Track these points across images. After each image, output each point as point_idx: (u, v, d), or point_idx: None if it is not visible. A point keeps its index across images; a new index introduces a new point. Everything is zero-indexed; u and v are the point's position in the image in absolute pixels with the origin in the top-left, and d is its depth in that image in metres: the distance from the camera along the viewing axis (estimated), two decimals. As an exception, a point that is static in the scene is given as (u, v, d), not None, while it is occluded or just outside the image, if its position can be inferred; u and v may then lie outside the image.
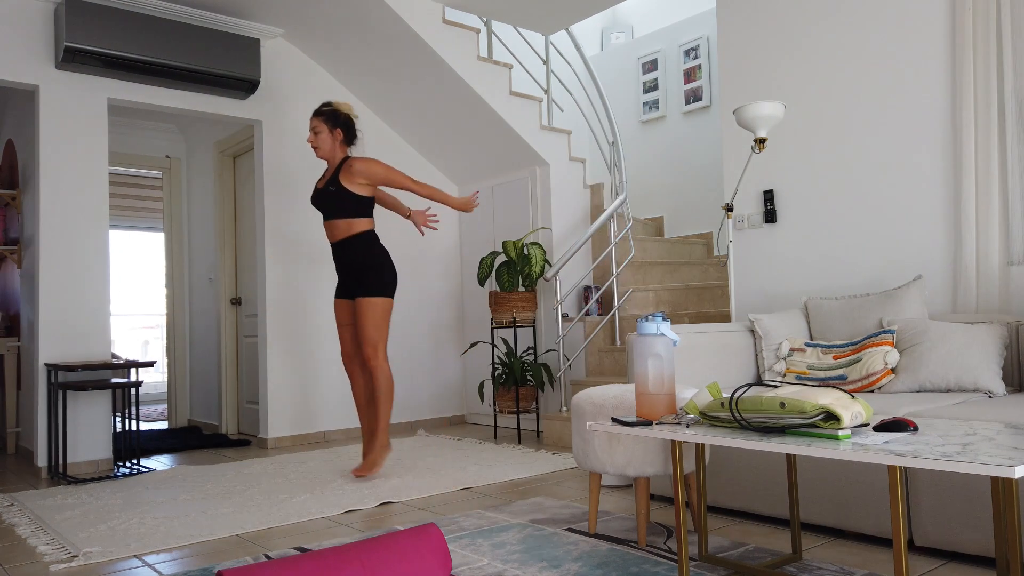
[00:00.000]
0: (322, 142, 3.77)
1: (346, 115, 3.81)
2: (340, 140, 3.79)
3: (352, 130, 3.83)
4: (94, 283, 4.40)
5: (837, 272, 3.73)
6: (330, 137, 3.77)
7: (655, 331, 2.05)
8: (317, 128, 3.77)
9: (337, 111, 3.79)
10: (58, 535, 2.84)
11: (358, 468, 3.70)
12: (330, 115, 3.77)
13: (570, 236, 5.36)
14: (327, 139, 3.77)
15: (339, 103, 3.83)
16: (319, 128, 3.76)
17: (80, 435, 4.29)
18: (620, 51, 7.08)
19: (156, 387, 8.60)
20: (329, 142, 3.77)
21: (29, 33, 4.26)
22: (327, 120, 3.77)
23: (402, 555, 1.71)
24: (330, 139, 3.77)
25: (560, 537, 2.59)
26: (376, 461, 3.70)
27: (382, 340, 3.72)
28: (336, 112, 3.79)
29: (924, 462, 1.41)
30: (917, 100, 3.48)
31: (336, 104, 3.82)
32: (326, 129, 3.76)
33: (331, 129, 3.77)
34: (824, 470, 2.51)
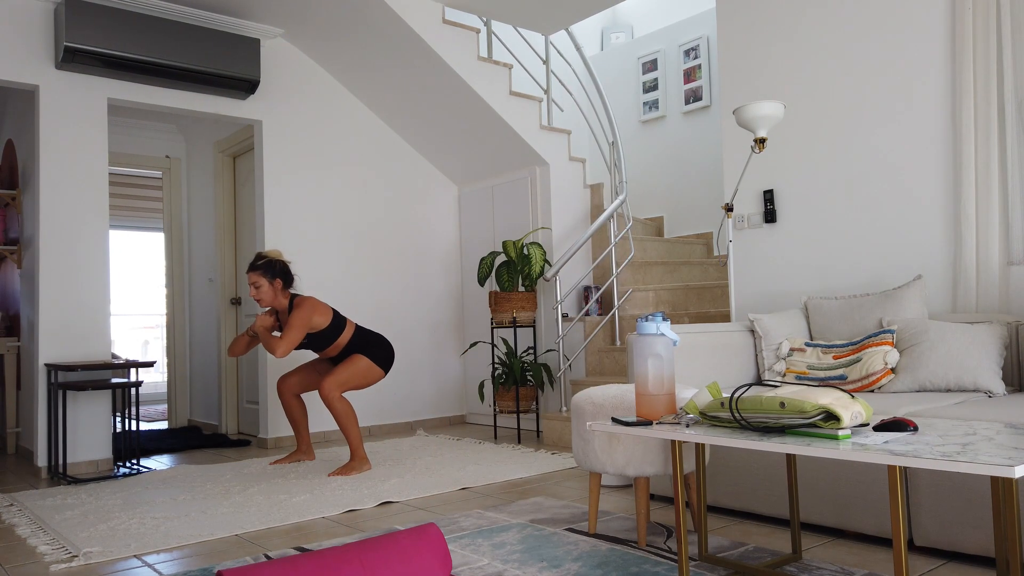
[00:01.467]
0: (264, 295, 3.92)
1: (280, 263, 3.97)
2: (280, 289, 3.96)
3: (289, 275, 4.00)
4: (94, 283, 4.40)
5: (837, 272, 3.73)
6: (271, 288, 3.93)
7: (655, 331, 2.05)
8: (257, 283, 3.91)
9: (271, 261, 3.95)
10: (58, 535, 2.84)
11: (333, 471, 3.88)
12: (266, 267, 3.92)
13: (570, 236, 5.36)
14: (268, 291, 3.93)
15: (269, 252, 4.00)
16: (259, 283, 3.91)
17: (80, 435, 4.29)
18: (620, 51, 7.08)
19: (156, 387, 8.60)
20: (271, 293, 3.93)
21: (29, 33, 4.26)
22: (264, 273, 3.91)
23: (402, 555, 1.71)
24: (271, 290, 3.93)
25: (560, 537, 2.59)
26: (355, 468, 3.86)
27: (346, 386, 3.92)
28: (271, 263, 3.94)
29: (924, 462, 1.41)
30: (917, 100, 3.48)
31: (267, 254, 3.98)
32: (265, 282, 3.92)
33: (270, 281, 3.92)
34: (824, 470, 2.51)
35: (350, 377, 3.92)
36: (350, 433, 3.89)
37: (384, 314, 5.53)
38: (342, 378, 3.89)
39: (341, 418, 3.87)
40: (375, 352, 4.02)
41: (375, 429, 5.42)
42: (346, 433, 3.89)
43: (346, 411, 3.88)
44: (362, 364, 3.96)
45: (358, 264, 5.43)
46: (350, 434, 3.89)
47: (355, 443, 3.90)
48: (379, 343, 4.07)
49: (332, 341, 3.99)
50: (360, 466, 3.88)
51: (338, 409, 3.86)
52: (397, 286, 5.62)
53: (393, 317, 5.58)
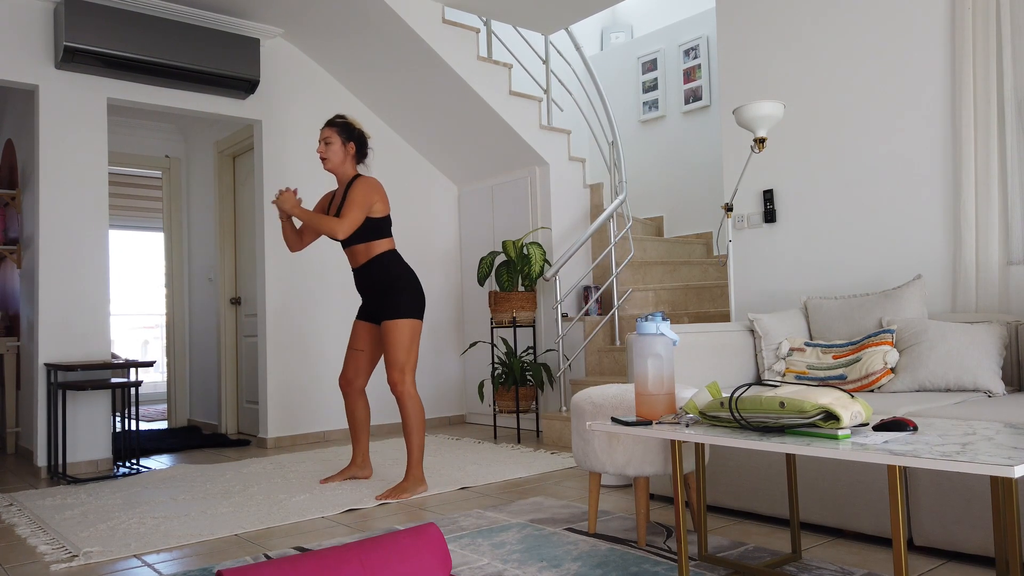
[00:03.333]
0: (332, 154, 3.53)
1: (360, 130, 3.62)
2: (352, 155, 3.57)
3: (365, 147, 3.63)
4: (94, 283, 4.40)
5: (837, 272, 3.74)
6: (342, 150, 3.54)
7: (655, 331, 2.05)
8: (329, 138, 3.53)
9: (351, 124, 3.59)
10: (58, 535, 2.84)
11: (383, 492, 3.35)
12: (344, 127, 3.56)
13: (570, 236, 5.36)
14: (338, 151, 3.53)
15: (352, 118, 3.65)
16: (331, 138, 3.53)
17: (80, 435, 4.29)
18: (620, 51, 7.08)
19: (156, 387, 8.60)
20: (340, 155, 3.54)
21: (29, 33, 4.26)
22: (341, 132, 3.54)
23: (402, 555, 1.71)
24: (341, 152, 3.54)
25: (560, 537, 2.59)
26: (407, 490, 3.35)
27: (410, 364, 3.43)
28: (350, 125, 3.58)
29: (924, 462, 1.42)
30: (917, 100, 3.48)
31: (350, 118, 3.62)
32: (339, 141, 3.53)
33: (344, 142, 3.54)
34: (824, 470, 2.51)
35: (407, 354, 3.41)
36: (413, 443, 3.40)
37: (384, 314, 5.53)
38: (400, 359, 3.39)
39: (410, 420, 3.39)
40: (405, 301, 3.45)
41: (375, 429, 5.42)
42: (409, 441, 3.40)
43: (418, 415, 3.40)
44: (403, 332, 3.42)
45: (358, 264, 5.43)
46: (413, 444, 3.40)
47: (415, 457, 3.39)
48: (409, 285, 3.49)
49: (368, 238, 3.47)
50: (415, 487, 3.35)
51: (410, 410, 3.39)
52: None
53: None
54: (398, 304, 3.45)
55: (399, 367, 3.41)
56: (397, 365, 3.41)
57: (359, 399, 3.68)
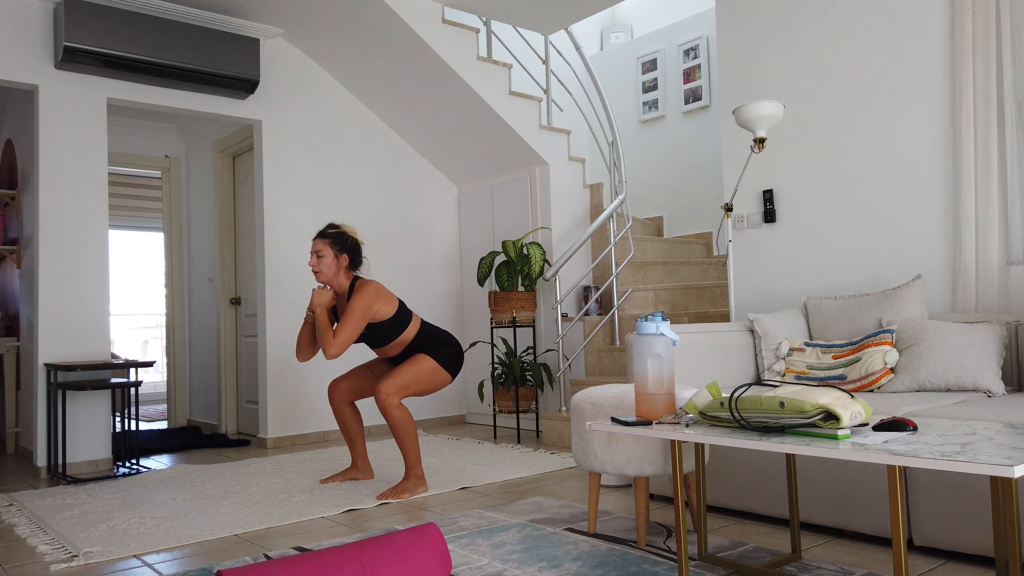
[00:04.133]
0: (325, 267, 3.41)
1: (354, 239, 3.49)
2: (344, 266, 3.46)
3: (359, 256, 3.52)
4: (93, 283, 4.40)
5: (836, 272, 3.74)
6: (334, 263, 3.43)
7: (655, 331, 2.05)
8: (321, 251, 3.41)
9: (344, 234, 3.47)
10: (58, 535, 2.84)
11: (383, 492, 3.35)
12: (337, 238, 3.44)
13: (570, 236, 5.36)
14: (331, 264, 3.42)
15: (346, 226, 3.52)
16: (323, 251, 3.41)
17: (79, 435, 4.29)
18: (620, 51, 7.08)
19: (156, 387, 8.60)
20: (333, 268, 3.42)
21: (28, 33, 4.26)
22: (333, 244, 3.42)
23: (402, 555, 1.71)
24: (334, 264, 3.43)
25: (560, 537, 2.59)
26: (407, 490, 3.34)
27: (409, 391, 3.38)
28: (343, 235, 3.46)
29: (923, 462, 1.42)
30: (916, 100, 3.48)
31: (343, 227, 3.51)
32: (331, 253, 3.42)
33: (337, 254, 3.43)
34: (824, 470, 2.51)
35: (412, 380, 3.36)
36: (407, 447, 3.37)
37: (384, 314, 5.53)
38: (403, 381, 3.34)
39: (398, 429, 3.34)
40: (442, 352, 3.45)
41: (375, 429, 5.42)
42: (402, 446, 3.37)
43: (405, 422, 3.35)
44: (426, 366, 3.39)
45: (358, 264, 5.43)
46: (407, 448, 3.37)
47: (412, 459, 3.37)
48: (447, 341, 3.50)
49: (395, 336, 3.44)
50: (415, 487, 3.34)
51: (395, 418, 3.32)
52: (397, 286, 5.61)
53: (393, 317, 5.57)
54: (435, 351, 3.45)
55: (399, 386, 3.34)
56: (398, 383, 3.34)
57: (346, 408, 3.65)
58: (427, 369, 3.40)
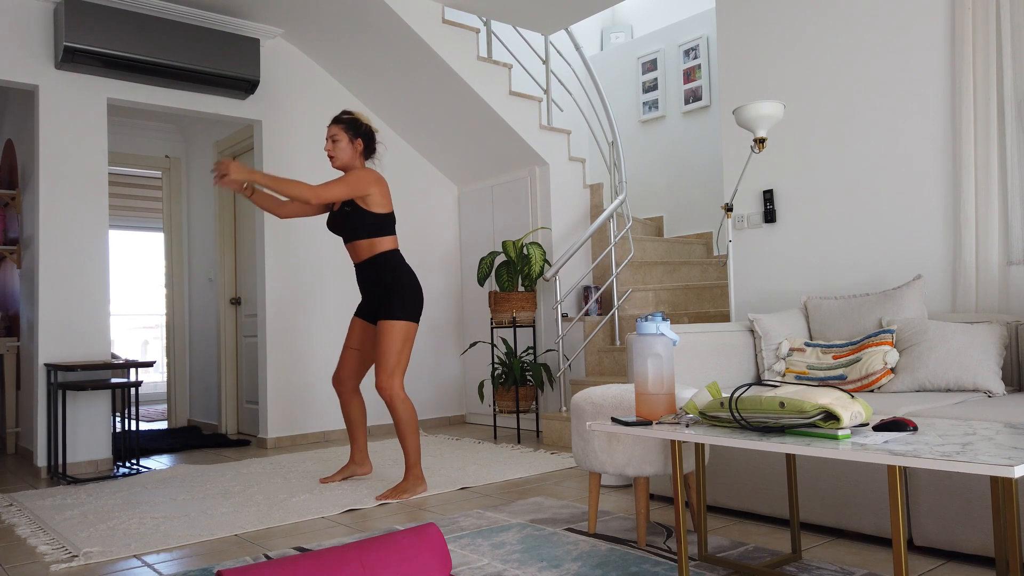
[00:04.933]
0: (340, 151, 3.48)
1: (367, 126, 3.57)
2: (360, 151, 3.53)
3: (373, 142, 3.58)
4: (94, 283, 4.40)
5: (837, 272, 3.74)
6: (350, 147, 3.49)
7: (655, 331, 2.05)
8: (336, 136, 3.48)
9: (358, 120, 3.54)
10: (58, 535, 2.84)
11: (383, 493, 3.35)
12: (351, 123, 3.51)
13: (570, 236, 5.36)
14: (346, 148, 3.49)
15: (359, 113, 3.59)
16: (338, 136, 3.48)
17: (80, 435, 4.29)
18: (620, 51, 7.08)
19: (156, 387, 8.60)
20: (349, 152, 3.49)
21: (28, 33, 4.26)
22: (348, 128, 3.50)
23: (402, 555, 1.71)
24: (350, 148, 3.49)
25: (560, 537, 2.59)
26: (407, 490, 3.34)
27: (400, 367, 3.40)
28: (357, 121, 3.53)
29: (924, 462, 1.42)
30: (917, 100, 3.48)
31: (356, 114, 3.57)
32: (346, 138, 3.49)
33: (351, 138, 3.50)
34: (824, 470, 2.51)
35: (397, 356, 3.39)
36: (408, 444, 3.38)
37: (384, 314, 5.53)
38: (391, 363, 3.37)
39: (401, 424, 3.38)
40: (404, 302, 3.43)
41: (375, 429, 5.42)
42: (404, 443, 3.39)
43: (409, 415, 3.38)
44: (397, 333, 3.39)
45: (358, 264, 5.43)
46: (408, 445, 3.38)
47: (412, 458, 3.38)
48: (410, 286, 3.47)
49: (371, 234, 3.45)
50: (415, 487, 3.34)
51: (401, 412, 3.37)
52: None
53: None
54: (396, 305, 3.42)
55: (388, 370, 3.38)
56: (387, 368, 3.38)
57: (353, 398, 3.68)
58: (399, 335, 3.40)
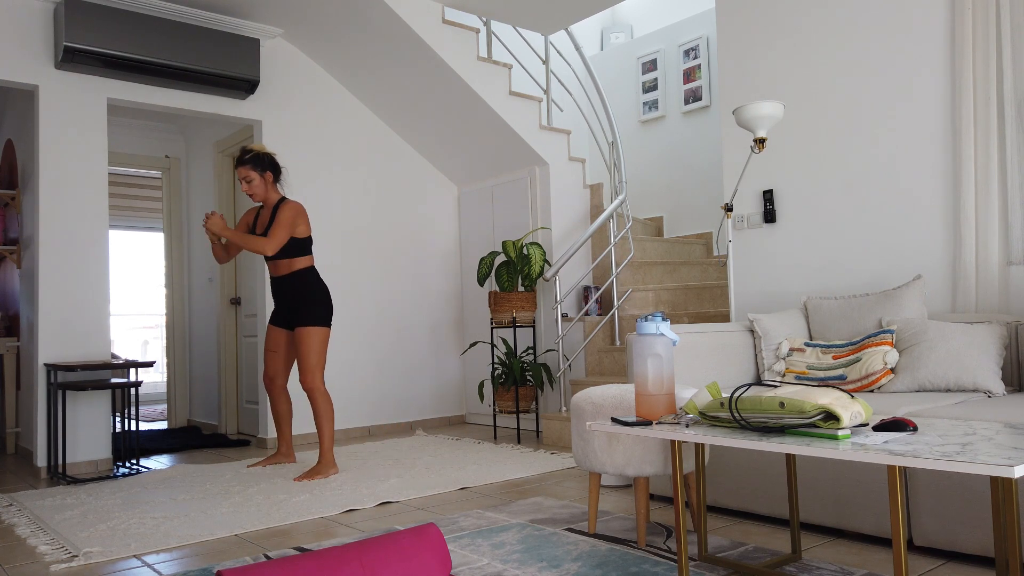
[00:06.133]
0: (256, 188, 3.90)
1: (268, 155, 3.94)
2: (271, 182, 3.94)
3: (278, 167, 3.97)
4: (94, 283, 4.40)
5: (836, 272, 3.74)
6: (262, 181, 3.91)
7: (655, 331, 2.05)
8: (247, 176, 3.88)
9: (259, 154, 3.91)
10: (58, 535, 2.84)
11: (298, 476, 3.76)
12: (255, 160, 3.89)
13: (570, 236, 5.36)
14: (260, 184, 3.91)
15: (255, 146, 3.94)
16: (249, 175, 3.88)
17: (79, 435, 4.29)
18: (620, 51, 7.08)
19: (156, 387, 8.60)
20: (262, 186, 3.91)
21: (28, 33, 4.26)
22: (254, 166, 3.88)
23: (402, 555, 1.71)
24: (262, 183, 3.91)
25: (560, 537, 2.59)
26: (320, 472, 3.76)
27: (319, 366, 3.86)
28: (258, 156, 3.90)
29: (923, 462, 1.42)
30: (917, 100, 3.48)
31: (253, 147, 3.92)
32: (256, 175, 3.89)
33: (260, 173, 3.90)
34: (824, 470, 2.51)
35: (316, 356, 3.84)
36: (324, 432, 3.83)
37: (384, 314, 5.53)
38: (311, 363, 3.83)
39: (321, 416, 3.82)
40: (317, 312, 3.88)
41: (375, 429, 5.42)
42: (320, 431, 3.83)
43: (327, 407, 3.84)
44: (314, 338, 3.85)
45: (358, 264, 5.43)
46: (324, 433, 3.83)
47: (326, 444, 3.83)
48: (322, 299, 3.92)
49: (292, 255, 3.90)
50: (327, 470, 3.79)
51: (320, 404, 3.82)
52: (397, 286, 5.62)
53: (393, 317, 5.58)
54: (311, 314, 3.88)
55: (309, 369, 3.84)
56: (308, 367, 3.84)
57: (281, 395, 4.11)
58: (316, 339, 3.87)
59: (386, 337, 5.52)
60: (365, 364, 5.39)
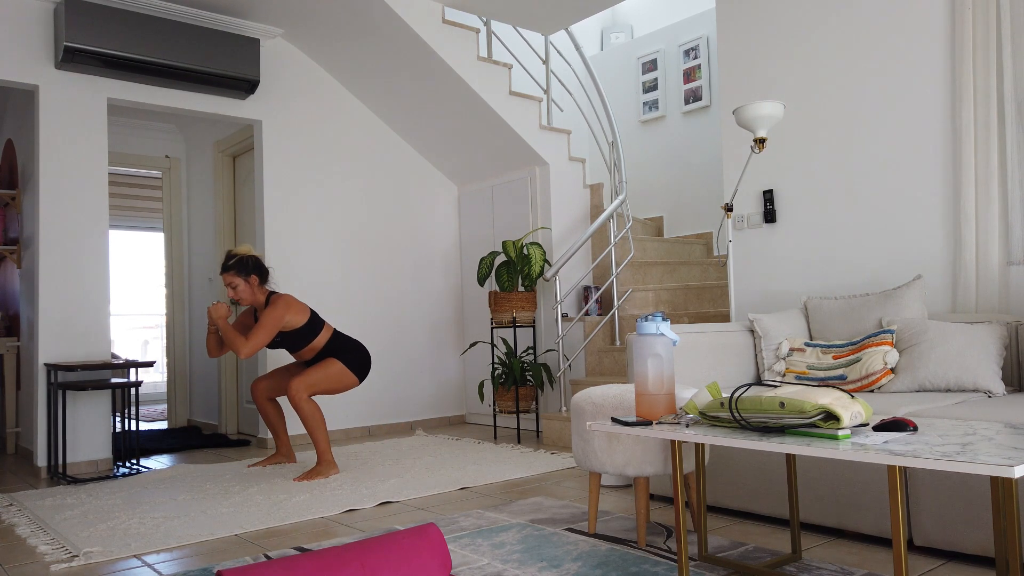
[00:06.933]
0: (243, 294, 3.88)
1: (252, 258, 3.91)
2: (257, 285, 3.92)
3: (263, 269, 3.95)
4: (94, 283, 4.40)
5: (837, 272, 3.74)
6: (248, 286, 3.89)
7: (655, 331, 2.05)
8: (232, 283, 3.86)
9: (243, 259, 3.88)
10: (58, 535, 2.84)
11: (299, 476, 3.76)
12: (239, 266, 3.86)
13: (570, 236, 5.36)
14: (246, 289, 3.88)
15: (238, 249, 3.93)
16: (234, 282, 3.86)
17: (80, 435, 4.29)
18: (620, 51, 7.08)
19: (156, 387, 8.60)
20: (248, 291, 3.89)
21: (29, 33, 4.26)
22: (238, 272, 3.86)
23: (402, 555, 1.71)
24: (248, 288, 3.89)
25: (560, 537, 2.59)
26: (320, 473, 3.75)
27: (315, 387, 3.82)
28: (243, 260, 3.88)
29: (924, 462, 1.42)
30: (917, 100, 3.48)
31: (238, 251, 3.91)
32: (241, 281, 3.87)
33: (245, 278, 3.87)
34: (824, 470, 2.51)
35: (320, 380, 3.83)
36: (317, 436, 3.81)
37: (384, 314, 5.53)
38: (311, 380, 3.81)
39: (307, 420, 3.79)
40: (350, 357, 3.93)
41: (375, 429, 5.42)
42: (313, 436, 3.81)
43: (313, 413, 3.80)
44: (334, 368, 3.87)
45: (358, 264, 5.43)
46: (317, 437, 3.81)
47: (322, 447, 3.81)
48: (356, 349, 3.98)
49: (307, 341, 3.92)
50: (327, 470, 3.77)
51: (305, 411, 3.79)
52: (397, 286, 5.62)
53: (393, 317, 5.58)
54: (344, 357, 3.92)
55: (306, 383, 3.79)
56: (306, 380, 3.79)
57: (266, 403, 4.12)
58: (335, 371, 3.87)
59: (386, 337, 5.52)
60: (365, 364, 5.39)
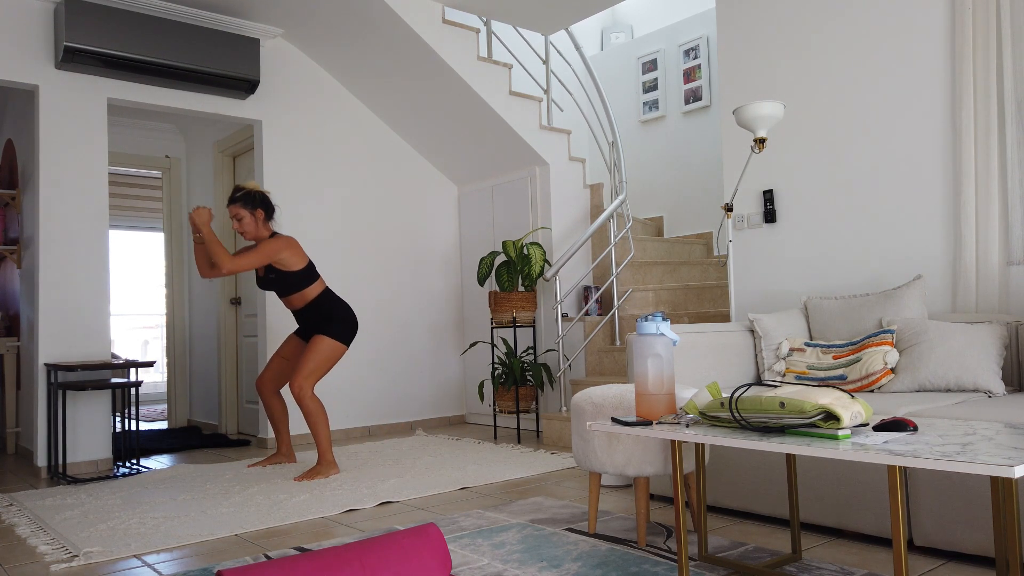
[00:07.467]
0: (247, 226, 3.86)
1: (260, 193, 3.90)
2: (262, 220, 3.90)
3: (270, 205, 3.94)
4: (94, 283, 4.40)
5: (837, 272, 3.74)
6: (253, 219, 3.87)
7: (655, 331, 2.05)
8: (238, 215, 3.84)
9: (251, 192, 3.87)
10: (58, 535, 2.84)
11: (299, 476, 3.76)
12: (246, 199, 3.85)
13: (570, 236, 5.36)
14: (251, 222, 3.86)
15: (248, 183, 3.91)
16: (240, 214, 3.84)
17: (80, 435, 4.29)
18: (620, 51, 7.08)
19: (156, 387, 8.60)
20: (253, 225, 3.87)
21: (29, 33, 4.26)
22: (245, 204, 3.84)
23: (402, 555, 1.71)
24: (253, 222, 3.87)
25: (560, 537, 2.59)
26: (320, 473, 3.75)
27: (315, 374, 3.82)
28: (250, 194, 3.87)
29: (924, 462, 1.42)
30: (917, 100, 3.48)
31: (246, 185, 3.90)
32: (247, 214, 3.85)
33: (251, 211, 3.86)
34: (824, 470, 2.51)
35: (317, 365, 3.81)
36: (319, 435, 3.81)
37: (384, 314, 5.53)
38: (309, 368, 3.79)
39: (311, 418, 3.80)
40: (338, 328, 3.88)
41: (375, 429, 5.42)
42: (315, 434, 3.81)
43: (317, 411, 3.80)
44: (325, 347, 3.83)
45: (358, 264, 5.43)
46: (319, 436, 3.81)
47: (324, 446, 3.81)
48: (344, 317, 3.93)
49: (299, 288, 3.89)
50: (327, 470, 3.77)
51: (309, 408, 3.79)
52: (397, 286, 5.62)
53: (393, 317, 5.58)
54: (330, 329, 3.87)
55: (304, 373, 3.79)
56: (303, 371, 3.80)
57: (273, 399, 4.13)
58: (326, 350, 3.85)
59: (386, 337, 5.52)
60: (365, 364, 5.39)
